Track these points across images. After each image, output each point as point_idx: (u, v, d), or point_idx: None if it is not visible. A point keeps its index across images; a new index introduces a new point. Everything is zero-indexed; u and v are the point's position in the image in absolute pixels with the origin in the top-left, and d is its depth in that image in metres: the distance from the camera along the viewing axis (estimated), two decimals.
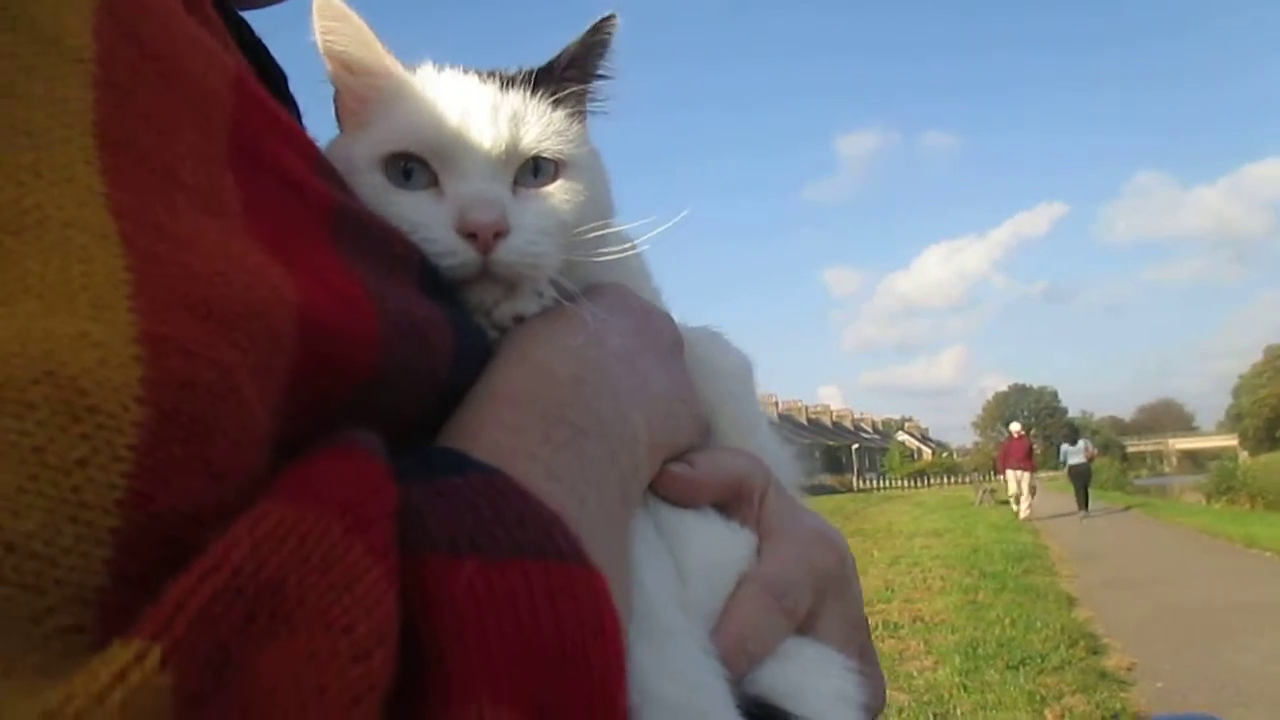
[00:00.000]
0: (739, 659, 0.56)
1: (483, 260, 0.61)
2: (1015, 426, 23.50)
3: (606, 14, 0.69)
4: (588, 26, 0.69)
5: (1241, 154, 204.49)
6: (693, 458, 0.64)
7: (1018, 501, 20.68)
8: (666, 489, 0.61)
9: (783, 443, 0.78)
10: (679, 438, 0.64)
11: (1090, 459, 23.40)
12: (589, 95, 0.71)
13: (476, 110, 0.64)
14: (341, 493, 0.36)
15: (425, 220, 0.60)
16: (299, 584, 0.32)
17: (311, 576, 0.32)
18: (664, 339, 0.68)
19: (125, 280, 0.33)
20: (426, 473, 0.42)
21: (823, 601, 0.63)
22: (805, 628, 0.62)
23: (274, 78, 0.66)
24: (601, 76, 0.71)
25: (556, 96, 0.68)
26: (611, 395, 0.58)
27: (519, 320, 0.62)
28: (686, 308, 0.74)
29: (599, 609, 0.40)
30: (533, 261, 0.62)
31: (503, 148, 0.64)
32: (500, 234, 0.61)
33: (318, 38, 0.65)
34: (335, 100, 0.67)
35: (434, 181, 0.63)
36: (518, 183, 0.65)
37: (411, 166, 0.62)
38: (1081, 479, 22.03)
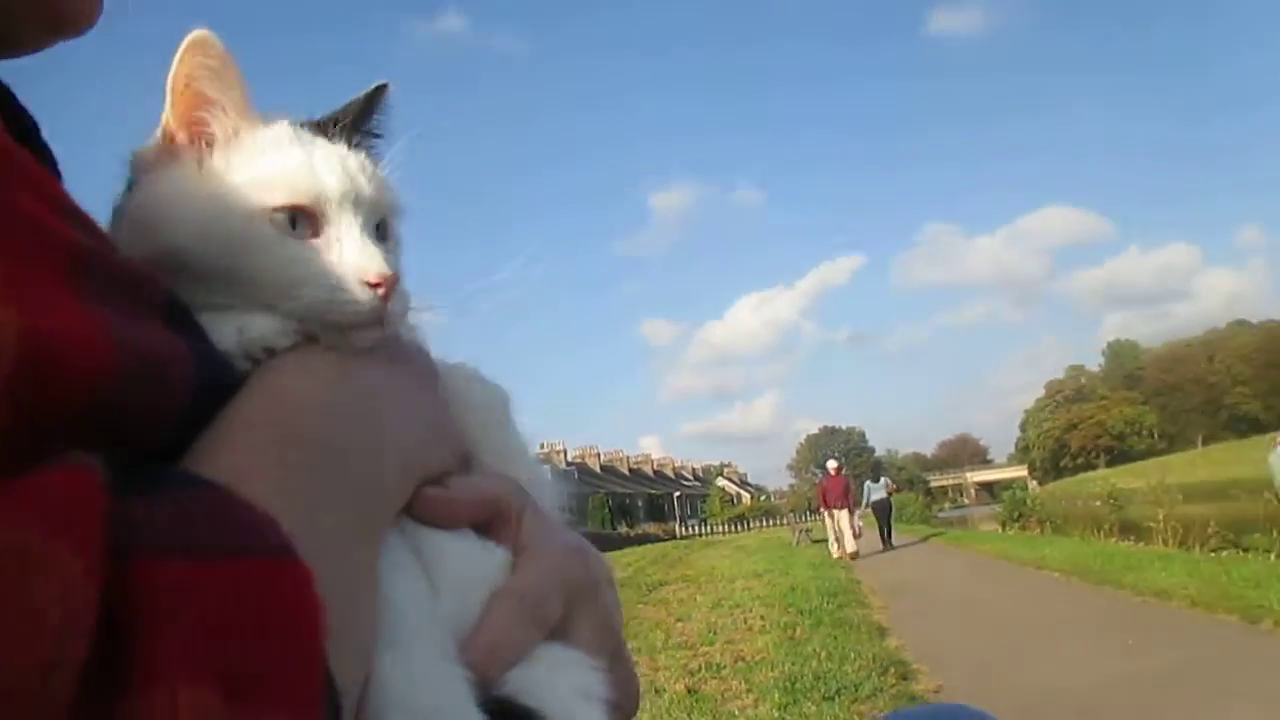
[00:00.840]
0: (491, 666, 0.58)
1: (383, 308, 0.65)
2: (832, 464, 22.69)
3: (381, 82, 0.75)
4: (365, 91, 0.75)
5: (1017, 205, 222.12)
6: (448, 481, 0.66)
7: (839, 543, 20.30)
8: (421, 511, 0.63)
9: (541, 466, 0.82)
10: (432, 463, 0.66)
11: (890, 493, 24.65)
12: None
13: (354, 169, 0.68)
14: (46, 499, 0.37)
15: (330, 271, 0.64)
16: None
17: (8, 567, 0.34)
18: (418, 371, 0.71)
19: None
20: (148, 487, 0.43)
21: (574, 610, 0.66)
22: (558, 634, 0.64)
23: (24, 126, 0.65)
24: (379, 135, 0.76)
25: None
26: (360, 421, 0.60)
27: (270, 353, 0.62)
28: (507, 369, 0.78)
29: (301, 597, 0.43)
30: (405, 309, 0.68)
31: (374, 204, 0.69)
32: (394, 284, 0.66)
33: (180, 69, 0.65)
34: (169, 134, 0.66)
35: (316, 233, 0.66)
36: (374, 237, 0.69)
37: (297, 217, 0.65)
38: (884, 514, 23.27)
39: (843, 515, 20.57)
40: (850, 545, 20.14)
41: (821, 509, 22.31)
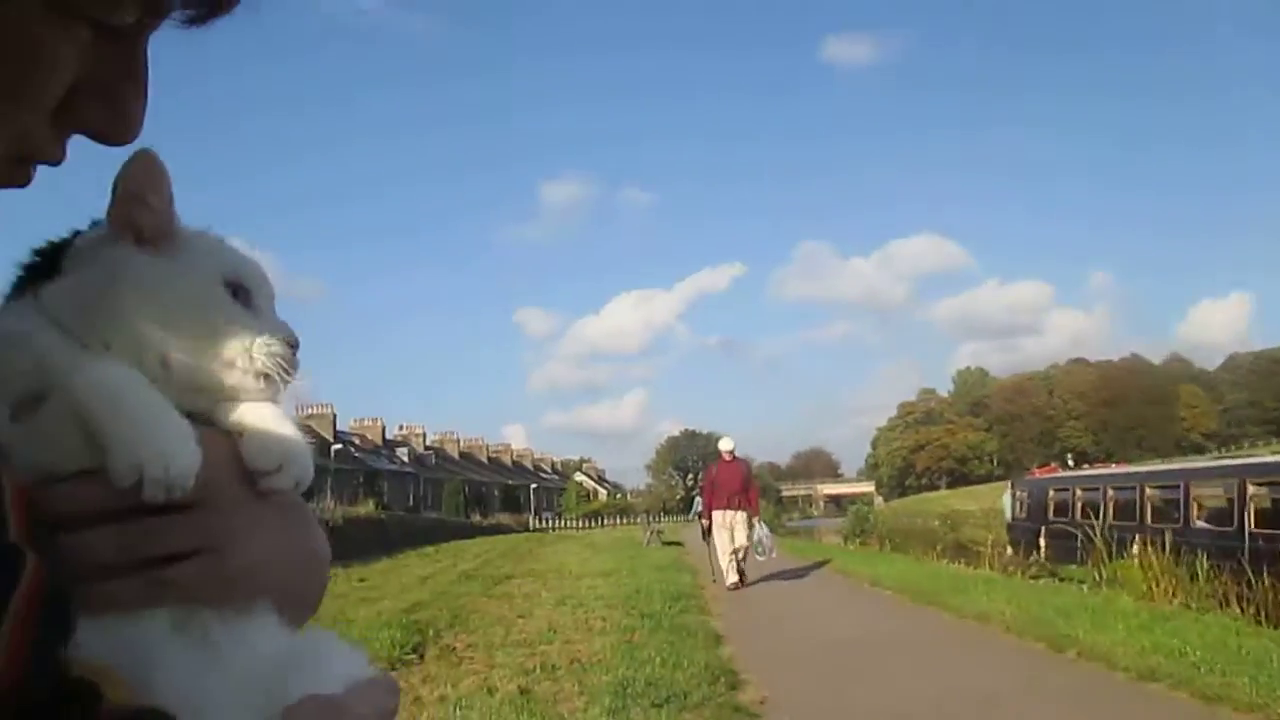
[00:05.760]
0: None
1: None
2: (727, 444, 14.86)
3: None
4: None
5: (891, 230, 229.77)
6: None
7: (728, 564, 14.11)
8: None
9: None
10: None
11: None
12: None
13: None
14: None
15: (276, 336, 0.72)
16: None
17: None
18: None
19: None
20: None
21: None
22: None
23: None
24: None
25: None
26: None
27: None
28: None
29: None
30: None
31: None
32: None
33: (131, 179, 0.68)
34: (120, 225, 0.69)
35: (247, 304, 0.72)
36: None
37: (238, 291, 0.72)
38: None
39: (738, 521, 14.10)
40: (731, 571, 14.04)
41: (703, 515, 15.24)
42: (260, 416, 0.71)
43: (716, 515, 14.25)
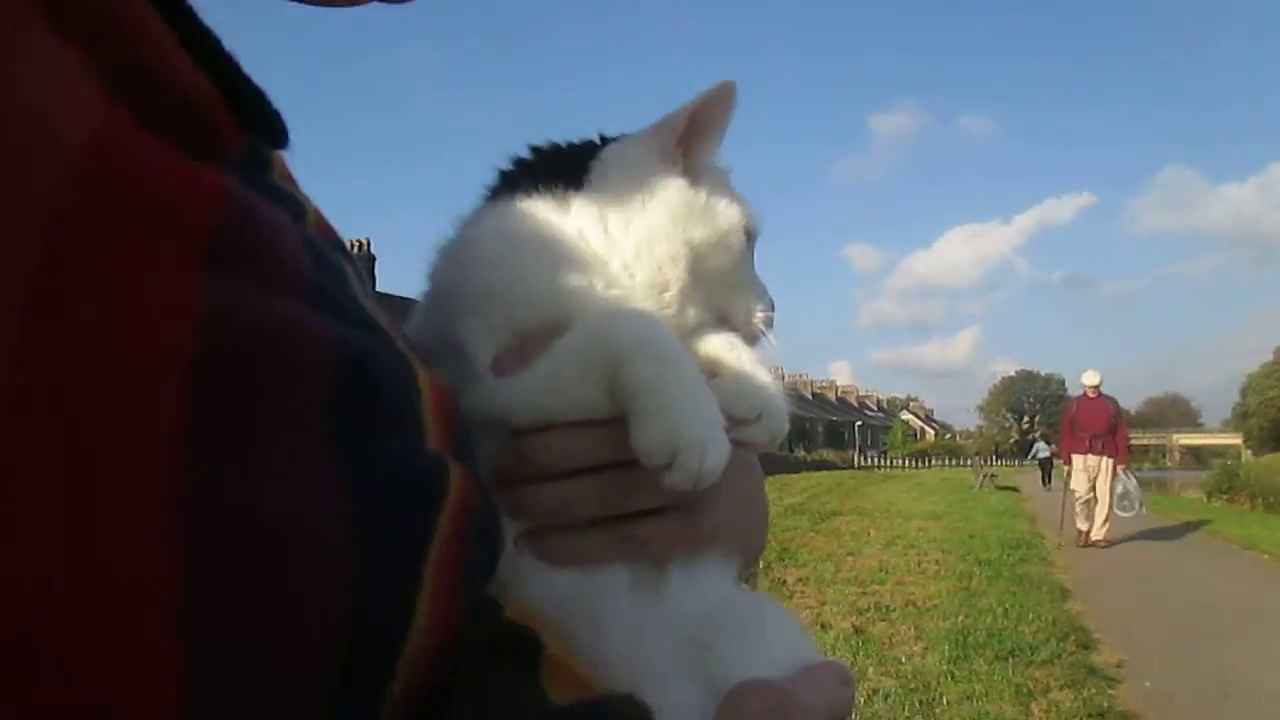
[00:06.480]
0: None
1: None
2: (1092, 377, 12.30)
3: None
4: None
5: (1273, 154, 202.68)
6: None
7: (1086, 513, 12.37)
8: None
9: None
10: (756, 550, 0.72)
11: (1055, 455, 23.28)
12: None
13: None
14: None
15: (766, 298, 0.72)
16: None
17: None
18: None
19: None
20: None
21: None
22: None
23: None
24: None
25: None
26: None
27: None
28: None
29: None
30: None
31: None
32: None
33: (707, 107, 0.68)
34: (675, 148, 0.69)
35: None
36: None
37: (748, 239, 0.71)
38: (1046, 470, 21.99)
39: (1102, 469, 12.04)
40: (1100, 524, 12.19)
41: (1062, 457, 13.22)
42: (739, 359, 0.66)
43: (1076, 460, 12.24)
